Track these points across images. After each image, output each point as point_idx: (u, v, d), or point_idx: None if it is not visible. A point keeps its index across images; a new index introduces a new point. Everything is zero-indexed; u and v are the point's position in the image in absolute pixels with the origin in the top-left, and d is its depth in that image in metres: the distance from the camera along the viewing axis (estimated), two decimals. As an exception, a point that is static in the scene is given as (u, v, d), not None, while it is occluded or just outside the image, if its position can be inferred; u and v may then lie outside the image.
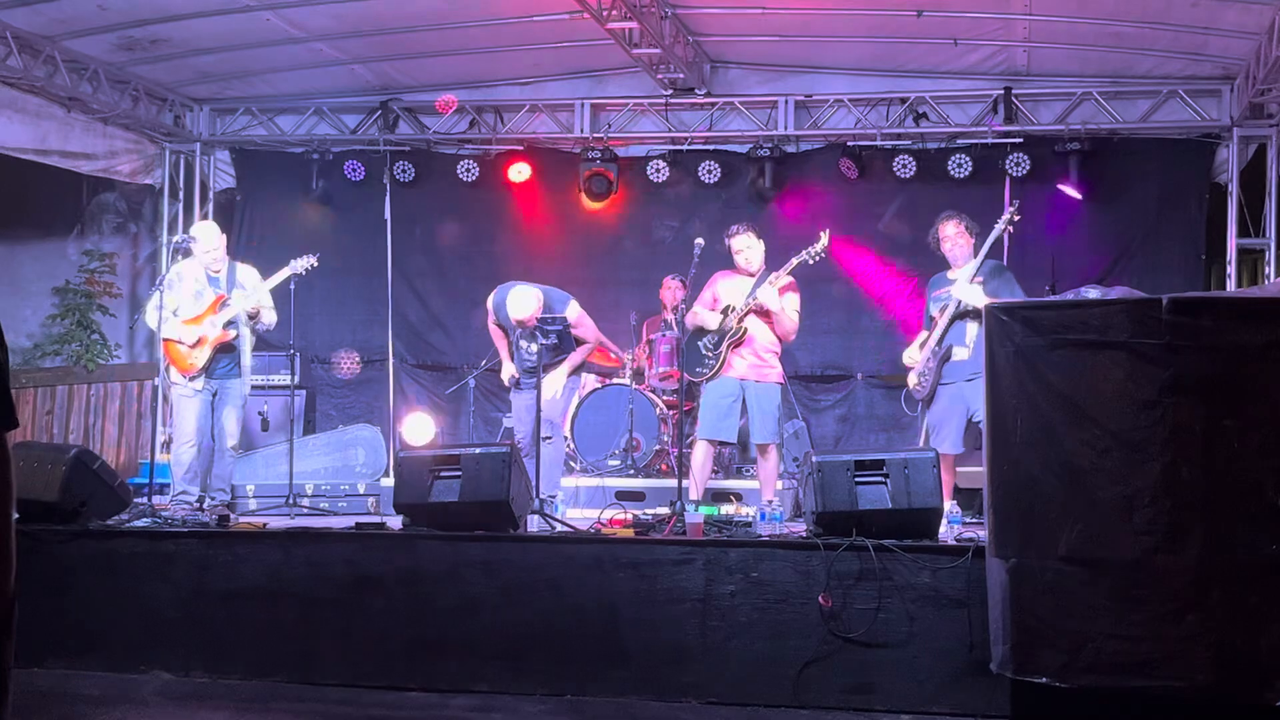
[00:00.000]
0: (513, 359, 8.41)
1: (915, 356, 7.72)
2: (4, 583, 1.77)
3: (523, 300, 8.10)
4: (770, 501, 7.13)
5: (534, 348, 8.09)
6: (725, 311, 7.82)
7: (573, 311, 8.21)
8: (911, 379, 7.74)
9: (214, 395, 8.20)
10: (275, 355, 9.96)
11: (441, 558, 6.45)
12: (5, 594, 1.77)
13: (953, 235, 7.67)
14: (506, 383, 8.57)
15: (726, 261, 8.05)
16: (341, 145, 11.44)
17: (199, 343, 8.08)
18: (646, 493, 8.85)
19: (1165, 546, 4.89)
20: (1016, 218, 7.51)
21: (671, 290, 10.00)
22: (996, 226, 7.48)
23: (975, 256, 7.56)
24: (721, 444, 8.17)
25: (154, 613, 6.62)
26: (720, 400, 7.78)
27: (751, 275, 7.86)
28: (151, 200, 11.84)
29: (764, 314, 7.74)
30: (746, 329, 7.72)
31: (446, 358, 11.51)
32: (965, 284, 7.44)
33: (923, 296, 8.07)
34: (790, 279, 7.75)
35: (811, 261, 7.68)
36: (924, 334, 7.79)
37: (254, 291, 8.21)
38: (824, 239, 7.66)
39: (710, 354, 7.79)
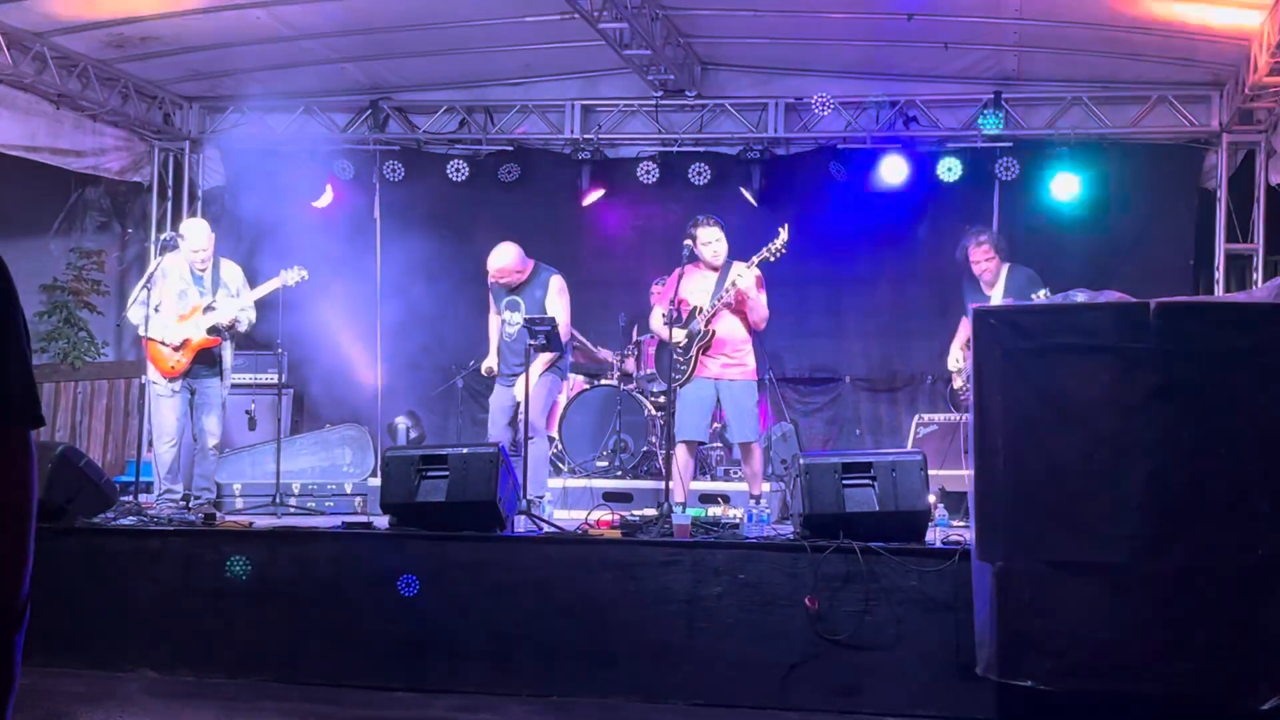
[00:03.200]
0: (499, 345, 8.34)
1: (958, 358, 7.76)
2: (19, 583, 1.75)
3: (502, 252, 8.18)
4: (758, 501, 7.13)
5: (516, 317, 8.07)
6: (693, 313, 7.79)
7: (554, 285, 8.19)
8: (957, 382, 7.80)
9: (192, 394, 8.17)
10: (262, 354, 9.93)
11: (428, 558, 6.44)
12: (20, 594, 1.75)
13: (980, 260, 7.79)
14: (484, 373, 8.52)
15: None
16: (331, 144, 11.42)
17: (183, 346, 8.05)
18: (634, 494, 8.85)
19: (1151, 550, 4.90)
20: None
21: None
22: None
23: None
24: (700, 444, 8.17)
25: (140, 611, 6.61)
26: (695, 402, 7.77)
27: (715, 270, 7.82)
28: (140, 198, 11.79)
29: (739, 304, 7.69)
30: (714, 331, 7.70)
31: (434, 357, 11.47)
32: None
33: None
34: (759, 272, 7.73)
35: (773, 259, 7.63)
36: (964, 333, 7.82)
37: (240, 298, 8.19)
38: (783, 234, 7.60)
39: (681, 359, 7.77)
